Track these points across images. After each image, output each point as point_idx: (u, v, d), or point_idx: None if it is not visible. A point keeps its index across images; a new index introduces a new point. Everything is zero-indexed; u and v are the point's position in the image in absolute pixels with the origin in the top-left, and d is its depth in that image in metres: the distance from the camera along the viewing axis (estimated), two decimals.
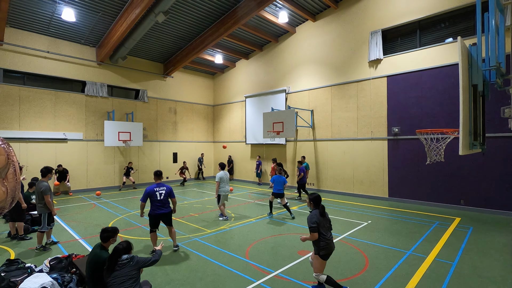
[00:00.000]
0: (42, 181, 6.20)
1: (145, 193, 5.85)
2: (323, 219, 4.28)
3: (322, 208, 4.36)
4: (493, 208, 9.12)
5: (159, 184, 6.02)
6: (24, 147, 12.17)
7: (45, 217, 6.20)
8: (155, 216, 5.90)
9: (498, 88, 4.70)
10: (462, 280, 4.73)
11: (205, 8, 12.53)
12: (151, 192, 5.85)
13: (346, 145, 12.70)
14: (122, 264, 3.60)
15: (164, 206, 5.94)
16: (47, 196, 6.09)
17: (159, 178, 6.14)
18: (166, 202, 5.96)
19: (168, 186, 6.05)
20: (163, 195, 5.90)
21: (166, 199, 5.94)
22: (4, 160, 3.71)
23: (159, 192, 5.89)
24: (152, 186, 5.94)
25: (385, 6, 11.48)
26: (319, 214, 4.27)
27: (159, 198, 5.86)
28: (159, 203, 5.87)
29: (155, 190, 5.89)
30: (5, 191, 3.77)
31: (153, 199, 5.85)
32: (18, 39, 12.15)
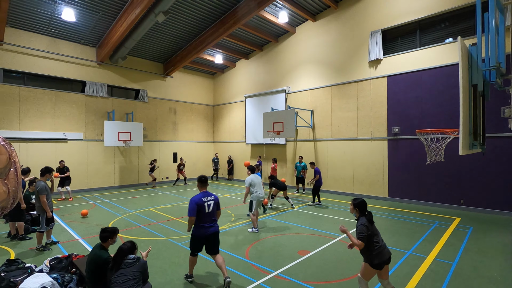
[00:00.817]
0: (40, 181, 6.21)
1: (193, 204, 4.59)
2: (373, 227, 3.81)
3: (370, 215, 3.86)
4: (493, 208, 9.12)
5: (206, 192, 4.84)
6: (24, 147, 12.17)
7: (43, 217, 6.18)
8: (204, 238, 4.63)
9: (498, 88, 4.70)
10: (462, 280, 4.73)
11: (205, 8, 12.53)
12: (200, 203, 4.62)
13: (346, 145, 12.70)
14: (128, 263, 3.62)
15: (214, 222, 4.75)
16: (43, 196, 6.06)
17: (204, 186, 4.94)
18: (214, 216, 4.79)
19: (215, 195, 4.91)
20: (211, 207, 4.73)
21: (214, 211, 4.78)
22: (6, 160, 3.71)
23: (208, 203, 4.70)
24: (199, 195, 4.73)
25: (385, 6, 11.48)
26: (367, 221, 3.77)
27: (208, 210, 4.67)
28: (207, 217, 4.66)
29: (203, 200, 4.69)
30: (6, 191, 3.77)
31: (201, 212, 4.63)
32: (18, 39, 12.15)
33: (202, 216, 4.61)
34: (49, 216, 6.23)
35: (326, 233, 7.29)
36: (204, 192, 4.83)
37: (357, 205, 3.91)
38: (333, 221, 8.51)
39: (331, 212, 9.54)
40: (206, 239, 4.65)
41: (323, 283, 4.68)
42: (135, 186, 15.64)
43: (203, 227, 4.60)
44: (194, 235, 4.67)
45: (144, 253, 4.13)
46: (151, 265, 5.27)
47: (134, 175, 15.87)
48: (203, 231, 4.59)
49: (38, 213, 6.23)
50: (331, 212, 9.54)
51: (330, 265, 5.36)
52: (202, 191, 4.86)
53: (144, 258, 3.97)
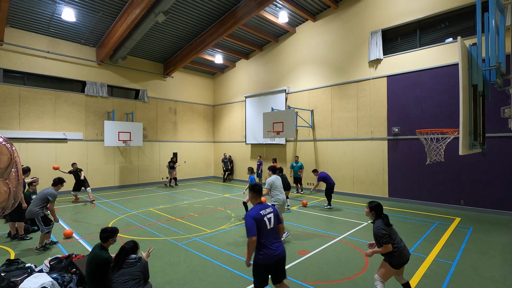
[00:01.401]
0: (53, 189, 6.42)
1: (251, 220, 3.52)
2: (390, 229, 3.80)
3: (386, 218, 3.83)
4: (493, 208, 9.12)
5: (263, 204, 3.78)
6: (24, 147, 12.17)
7: (39, 220, 6.17)
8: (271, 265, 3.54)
9: (498, 88, 4.70)
10: (462, 280, 4.73)
11: (205, 8, 12.53)
12: (259, 218, 3.57)
13: (346, 145, 12.70)
14: (130, 263, 3.62)
15: (278, 241, 3.65)
16: (52, 204, 6.24)
17: (259, 196, 3.86)
18: (277, 233, 3.73)
19: (273, 206, 3.90)
20: (272, 221, 3.67)
21: (276, 227, 3.72)
22: (7, 160, 3.71)
23: (267, 217, 3.64)
24: (255, 208, 3.68)
25: (385, 6, 11.48)
26: (383, 224, 3.76)
27: (270, 226, 3.61)
28: (271, 236, 3.58)
29: (262, 214, 3.63)
30: (8, 191, 3.77)
31: (262, 229, 3.54)
32: (18, 39, 12.15)
33: (264, 235, 3.52)
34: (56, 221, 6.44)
35: (326, 233, 7.29)
36: (261, 205, 3.74)
37: (373, 208, 3.89)
38: (333, 221, 8.51)
39: (331, 212, 9.54)
40: (273, 267, 3.55)
41: (323, 283, 4.68)
42: (138, 186, 15.64)
43: (269, 250, 3.48)
44: (258, 263, 3.50)
45: (145, 254, 4.14)
46: (151, 265, 5.26)
47: (134, 175, 15.86)
48: (269, 256, 3.46)
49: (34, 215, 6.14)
50: (331, 212, 9.54)
51: (330, 265, 5.36)
52: (257, 203, 3.78)
53: (145, 258, 3.97)
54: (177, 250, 6.14)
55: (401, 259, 3.71)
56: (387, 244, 3.66)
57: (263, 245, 3.48)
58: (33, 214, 6.12)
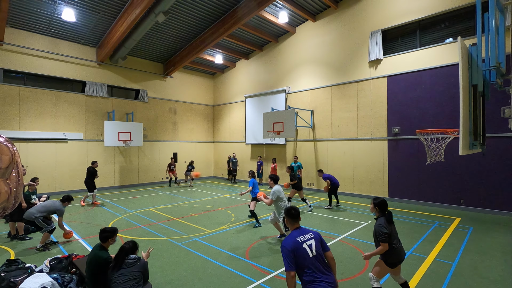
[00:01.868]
0: (61, 205, 6.57)
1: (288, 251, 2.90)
2: (392, 226, 3.78)
3: (390, 215, 3.79)
4: (493, 208, 9.12)
5: (301, 229, 3.15)
6: (24, 147, 12.17)
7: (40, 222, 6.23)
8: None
9: (498, 88, 4.71)
10: (462, 280, 4.73)
11: (205, 8, 12.53)
12: (297, 246, 2.93)
13: (346, 145, 12.70)
14: (129, 263, 3.62)
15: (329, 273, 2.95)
16: (60, 219, 6.57)
17: (296, 221, 3.22)
18: (326, 266, 3.00)
19: (314, 231, 3.18)
20: (314, 248, 2.98)
21: (321, 256, 3.02)
22: (8, 160, 3.72)
23: (307, 244, 2.98)
24: (292, 235, 3.06)
25: (385, 6, 11.49)
26: (386, 221, 3.74)
27: (312, 254, 2.94)
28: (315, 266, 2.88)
29: (300, 241, 2.99)
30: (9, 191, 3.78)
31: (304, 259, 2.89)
32: (18, 39, 12.15)
33: (307, 266, 2.86)
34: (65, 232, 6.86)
35: (326, 233, 7.29)
36: (299, 230, 3.12)
37: (378, 204, 3.89)
38: (333, 221, 8.51)
39: (331, 212, 9.54)
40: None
41: None
42: (138, 186, 15.64)
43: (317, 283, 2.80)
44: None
45: (145, 254, 4.14)
46: (151, 265, 5.27)
47: (134, 175, 15.87)
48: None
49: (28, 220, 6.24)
50: (331, 212, 9.54)
51: None
52: (294, 228, 3.18)
53: (145, 258, 3.97)
54: (177, 250, 6.14)
55: (396, 258, 3.76)
56: (384, 243, 3.68)
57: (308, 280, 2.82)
58: (33, 218, 6.16)
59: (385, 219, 3.81)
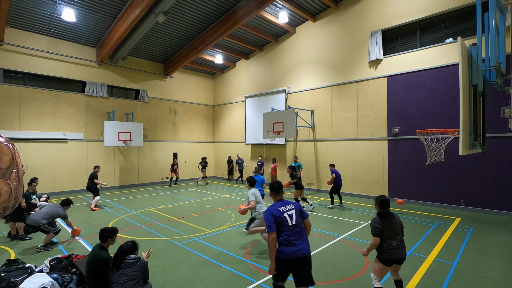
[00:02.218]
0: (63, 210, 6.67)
1: (270, 216, 3.47)
2: (388, 223, 3.87)
3: (387, 212, 3.93)
4: (493, 208, 9.12)
5: (283, 201, 3.69)
6: (24, 147, 12.17)
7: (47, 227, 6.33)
8: (291, 261, 3.35)
9: (498, 88, 4.70)
10: (462, 280, 4.73)
11: (205, 8, 12.53)
12: (279, 215, 3.48)
13: (346, 145, 12.70)
14: (129, 263, 3.62)
15: (302, 239, 3.45)
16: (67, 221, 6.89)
17: (279, 194, 3.80)
18: (302, 231, 3.52)
19: (295, 202, 3.72)
20: (294, 217, 3.52)
21: (299, 224, 3.54)
22: (9, 160, 3.73)
23: (288, 213, 3.52)
24: (275, 205, 3.61)
25: (385, 6, 11.49)
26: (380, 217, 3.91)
27: (291, 222, 3.48)
28: (292, 231, 3.43)
29: (282, 210, 3.53)
30: (9, 191, 3.78)
31: (283, 226, 3.45)
32: (18, 39, 12.15)
33: (286, 231, 3.41)
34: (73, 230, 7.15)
35: (326, 233, 7.29)
36: (281, 202, 3.66)
37: (378, 201, 4.04)
38: (333, 221, 8.51)
39: (331, 212, 9.54)
40: (294, 265, 3.37)
41: (323, 283, 4.68)
42: (138, 186, 15.63)
43: (289, 246, 3.36)
44: (278, 257, 3.39)
45: (145, 254, 4.14)
46: (151, 265, 5.27)
47: (134, 175, 15.87)
48: (291, 253, 3.33)
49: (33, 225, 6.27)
50: (331, 212, 9.54)
51: (330, 265, 5.36)
52: (277, 200, 3.73)
53: (145, 258, 3.97)
54: (177, 250, 6.14)
55: (390, 256, 3.77)
56: (375, 236, 3.82)
57: (284, 243, 3.38)
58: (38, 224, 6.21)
59: (378, 215, 3.96)
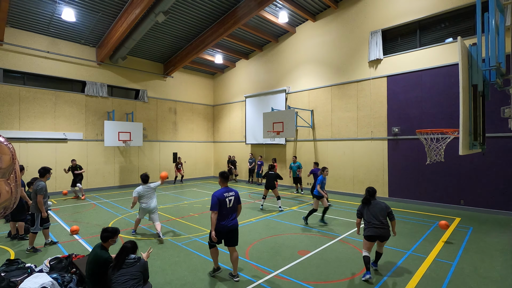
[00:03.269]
0: (39, 180, 6.19)
1: (216, 198, 4.71)
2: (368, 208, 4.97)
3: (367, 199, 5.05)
4: (493, 208, 9.12)
5: (227, 188, 4.94)
6: (24, 147, 12.17)
7: (38, 217, 6.14)
8: (224, 233, 4.75)
9: (498, 88, 4.70)
10: (462, 280, 4.73)
11: (205, 8, 12.53)
12: (222, 198, 4.75)
13: (346, 145, 12.70)
14: (129, 263, 3.63)
15: (234, 216, 4.89)
16: (41, 196, 6.04)
17: (226, 182, 5.03)
18: (234, 212, 4.92)
19: (236, 191, 4.99)
20: (232, 202, 4.85)
21: (235, 207, 4.91)
22: (9, 160, 3.73)
23: (229, 198, 4.81)
24: (220, 191, 4.85)
25: (385, 6, 11.49)
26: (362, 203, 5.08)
27: (229, 205, 4.80)
28: (227, 211, 4.78)
29: (225, 195, 4.80)
30: (9, 191, 3.79)
31: (222, 207, 4.74)
32: (18, 39, 12.15)
33: (223, 211, 4.73)
34: (44, 216, 6.18)
35: (326, 233, 7.29)
36: (226, 188, 4.93)
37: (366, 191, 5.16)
38: (333, 221, 8.51)
39: (331, 212, 9.54)
40: (226, 234, 4.78)
41: (323, 283, 4.68)
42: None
43: (224, 222, 4.73)
44: (218, 227, 4.71)
45: (145, 254, 4.14)
46: (151, 265, 5.27)
47: (134, 175, 15.86)
48: (224, 226, 4.72)
49: (32, 211, 6.19)
50: (331, 212, 9.54)
51: (330, 265, 5.36)
52: (223, 186, 4.98)
53: (145, 258, 3.97)
54: (177, 250, 6.14)
55: (369, 233, 4.82)
56: (357, 217, 5.12)
57: (222, 218, 4.74)
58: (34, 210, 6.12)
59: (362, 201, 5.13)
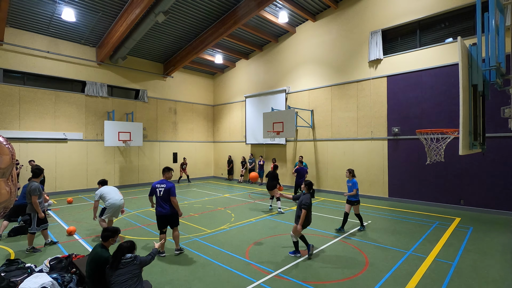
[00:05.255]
0: (33, 181, 6.17)
1: (152, 187, 5.86)
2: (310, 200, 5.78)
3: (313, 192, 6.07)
4: (493, 208, 9.13)
5: (162, 180, 5.87)
6: (24, 147, 12.17)
7: (34, 218, 6.11)
8: (160, 218, 5.80)
9: (498, 88, 4.70)
10: (462, 280, 4.73)
11: (205, 8, 12.53)
12: (155, 187, 5.79)
13: (346, 145, 12.70)
14: (126, 263, 3.64)
15: (164, 207, 5.73)
16: (35, 197, 5.99)
17: (164, 175, 5.95)
18: (166, 202, 5.73)
19: (169, 183, 5.79)
20: (161, 192, 5.72)
21: (165, 197, 5.71)
22: (9, 160, 3.75)
23: (159, 189, 5.74)
24: (157, 182, 5.88)
25: (385, 6, 11.49)
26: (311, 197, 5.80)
27: (159, 194, 5.74)
28: (159, 201, 5.75)
29: (157, 186, 5.78)
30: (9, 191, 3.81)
31: (156, 195, 5.78)
32: (18, 39, 12.15)
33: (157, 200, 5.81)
34: (41, 217, 6.15)
35: (326, 233, 7.29)
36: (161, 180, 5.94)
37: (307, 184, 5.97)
38: (333, 221, 8.51)
39: (331, 212, 9.54)
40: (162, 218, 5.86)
41: (323, 283, 4.68)
42: (138, 186, 15.63)
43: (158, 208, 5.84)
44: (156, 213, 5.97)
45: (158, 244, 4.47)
46: (151, 265, 5.27)
47: (134, 175, 15.87)
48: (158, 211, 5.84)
49: (28, 212, 6.17)
50: (331, 212, 9.54)
51: (330, 265, 5.36)
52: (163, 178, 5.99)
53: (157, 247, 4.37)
54: (178, 254, 6.14)
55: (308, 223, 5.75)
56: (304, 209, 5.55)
57: (156, 205, 5.86)
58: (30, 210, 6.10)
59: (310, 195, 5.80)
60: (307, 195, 5.72)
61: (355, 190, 7.35)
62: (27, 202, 6.22)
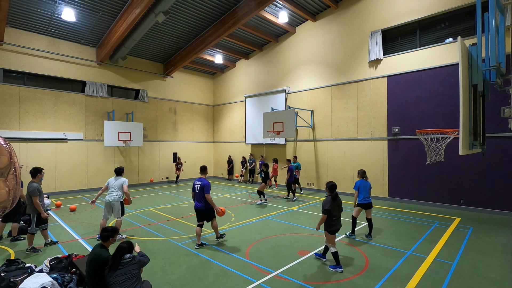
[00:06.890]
0: (32, 182, 6.14)
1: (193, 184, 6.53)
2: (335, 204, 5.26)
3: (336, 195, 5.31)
4: (493, 208, 9.13)
5: (200, 178, 6.51)
6: (24, 147, 12.16)
7: (34, 218, 6.10)
8: (196, 211, 6.45)
9: (498, 88, 4.70)
10: (462, 280, 4.73)
11: (205, 8, 12.52)
12: (193, 184, 6.48)
13: (346, 145, 12.70)
14: (124, 263, 3.64)
15: (198, 201, 6.37)
16: (36, 198, 5.99)
17: (202, 174, 6.75)
18: (201, 197, 6.31)
19: (204, 181, 6.38)
20: (197, 189, 6.35)
21: (200, 193, 6.30)
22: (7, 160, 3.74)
23: (197, 186, 6.38)
24: (197, 178, 6.56)
25: (385, 6, 11.48)
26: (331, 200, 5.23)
27: (196, 191, 6.38)
28: (196, 196, 6.39)
29: (195, 183, 6.45)
30: (7, 191, 3.80)
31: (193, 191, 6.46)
32: (18, 39, 12.14)
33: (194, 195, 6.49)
34: (43, 217, 6.16)
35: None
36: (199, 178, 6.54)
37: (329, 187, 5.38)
38: None
39: None
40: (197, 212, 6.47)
41: (323, 283, 4.68)
42: (138, 186, 15.64)
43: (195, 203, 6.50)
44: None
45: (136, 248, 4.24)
46: (151, 265, 5.27)
47: (134, 175, 15.86)
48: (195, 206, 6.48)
49: (28, 212, 6.16)
50: None
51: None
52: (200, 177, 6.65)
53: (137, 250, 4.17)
54: (177, 250, 6.14)
55: (334, 227, 5.23)
56: (324, 214, 5.18)
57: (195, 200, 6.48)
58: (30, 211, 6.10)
59: (331, 198, 5.24)
60: (327, 199, 5.27)
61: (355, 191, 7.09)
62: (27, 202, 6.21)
